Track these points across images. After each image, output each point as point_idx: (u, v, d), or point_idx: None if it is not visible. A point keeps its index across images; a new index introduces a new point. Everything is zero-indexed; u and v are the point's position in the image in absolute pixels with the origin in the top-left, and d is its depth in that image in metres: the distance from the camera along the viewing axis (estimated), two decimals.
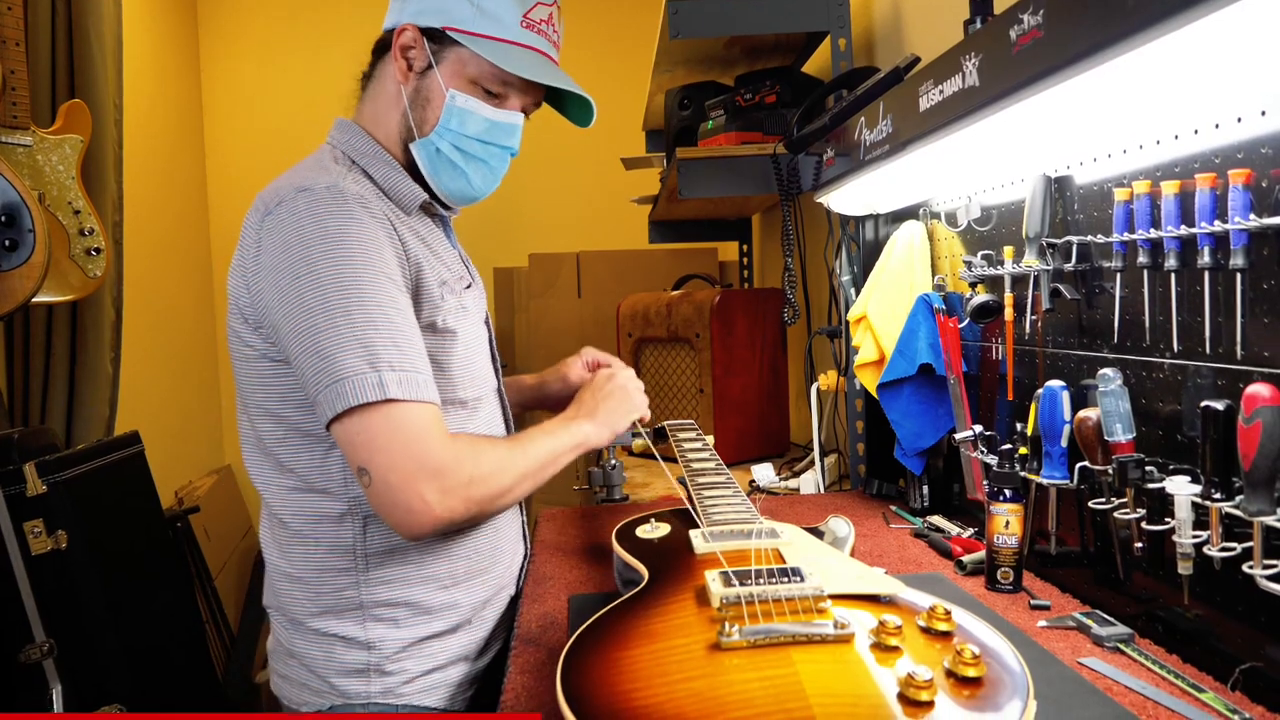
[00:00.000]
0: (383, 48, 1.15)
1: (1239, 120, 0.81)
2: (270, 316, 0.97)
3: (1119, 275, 0.98)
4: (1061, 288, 1.08)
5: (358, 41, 1.21)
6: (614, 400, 1.22)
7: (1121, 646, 0.93)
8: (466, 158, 1.12)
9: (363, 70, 1.20)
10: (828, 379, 1.85)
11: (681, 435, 1.54)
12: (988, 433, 1.28)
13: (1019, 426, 1.17)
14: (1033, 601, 1.07)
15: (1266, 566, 0.76)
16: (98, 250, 2.11)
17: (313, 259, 0.93)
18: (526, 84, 1.12)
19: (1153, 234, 0.91)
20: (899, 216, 1.62)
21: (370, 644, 1.06)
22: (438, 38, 1.09)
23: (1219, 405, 0.81)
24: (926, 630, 0.77)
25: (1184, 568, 0.86)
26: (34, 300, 1.93)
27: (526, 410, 1.54)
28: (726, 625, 0.75)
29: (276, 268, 0.95)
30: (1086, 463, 1.01)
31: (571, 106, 1.21)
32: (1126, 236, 0.95)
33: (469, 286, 1.18)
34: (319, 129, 1.19)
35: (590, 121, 1.20)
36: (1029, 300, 1.17)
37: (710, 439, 1.51)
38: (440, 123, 1.10)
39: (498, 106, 1.12)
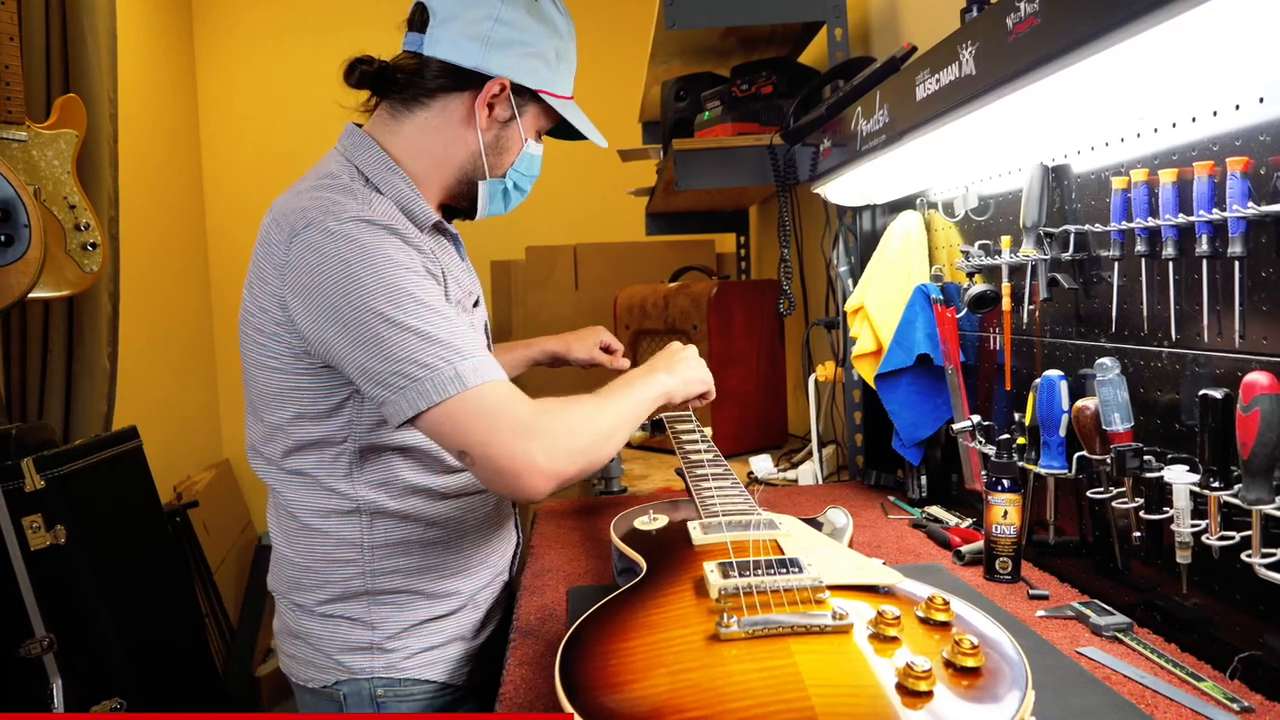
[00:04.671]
0: (438, 78, 1.13)
1: (1237, 108, 0.81)
2: (319, 334, 0.99)
3: (1117, 264, 0.98)
4: (1059, 277, 1.08)
5: (354, 33, 1.20)
6: (688, 366, 1.26)
7: (1120, 636, 0.94)
8: (519, 191, 1.26)
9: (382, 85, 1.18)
10: (825, 370, 1.85)
11: (679, 427, 1.54)
12: (986, 423, 1.28)
13: (1017, 416, 1.17)
14: (1031, 591, 1.07)
15: (1265, 555, 0.77)
16: (94, 245, 2.10)
17: (356, 274, 0.97)
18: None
19: (1150, 223, 0.91)
20: (896, 207, 1.62)
21: (374, 624, 1.13)
22: (521, 91, 1.16)
23: (1217, 394, 0.81)
24: (925, 621, 0.77)
25: (1182, 557, 0.86)
26: (30, 296, 1.93)
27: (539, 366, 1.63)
28: (725, 616, 0.75)
29: (318, 287, 0.98)
30: (1085, 452, 1.01)
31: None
32: (1124, 225, 0.95)
33: (476, 303, 1.25)
34: (314, 123, 1.18)
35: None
36: (1026, 290, 1.17)
37: (708, 430, 1.51)
38: (513, 166, 1.21)
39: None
